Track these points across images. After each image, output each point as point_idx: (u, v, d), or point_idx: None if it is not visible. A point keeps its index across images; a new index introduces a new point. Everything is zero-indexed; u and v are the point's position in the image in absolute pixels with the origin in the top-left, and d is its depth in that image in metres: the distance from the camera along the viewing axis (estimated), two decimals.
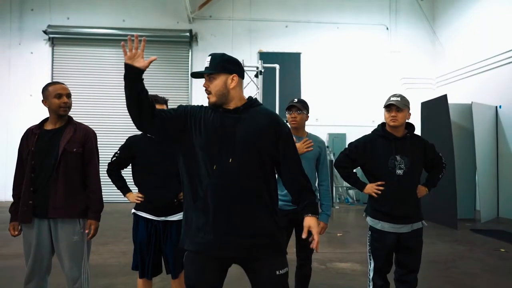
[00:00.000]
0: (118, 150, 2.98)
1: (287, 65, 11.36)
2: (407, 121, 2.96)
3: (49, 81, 11.10)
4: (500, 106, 8.84)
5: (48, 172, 2.61)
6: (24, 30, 11.19)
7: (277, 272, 1.94)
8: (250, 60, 11.21)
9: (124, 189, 3.00)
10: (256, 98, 2.20)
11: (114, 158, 2.97)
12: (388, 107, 2.86)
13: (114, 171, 2.99)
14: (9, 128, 10.82)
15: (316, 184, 3.16)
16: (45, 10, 11.21)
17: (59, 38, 11.23)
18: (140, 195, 2.88)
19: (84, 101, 10.59)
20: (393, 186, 2.80)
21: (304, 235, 1.94)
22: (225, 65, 1.98)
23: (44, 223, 2.64)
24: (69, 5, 11.27)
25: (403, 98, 2.88)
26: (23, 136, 2.75)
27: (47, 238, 2.66)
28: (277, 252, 1.99)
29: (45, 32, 11.03)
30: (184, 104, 2.07)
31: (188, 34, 11.33)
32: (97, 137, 2.85)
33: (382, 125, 2.99)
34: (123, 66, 1.88)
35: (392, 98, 2.88)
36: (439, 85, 11.69)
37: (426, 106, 8.36)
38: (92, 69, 11.25)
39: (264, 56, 11.42)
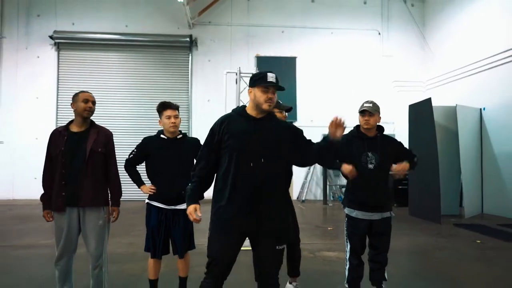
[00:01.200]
0: (135, 148, 3.46)
1: (283, 68, 11.89)
2: (378, 123, 3.42)
3: (55, 84, 11.66)
4: (484, 108, 9.32)
5: (77, 169, 3.07)
6: (31, 35, 11.64)
7: (277, 247, 2.46)
8: (247, 64, 11.71)
9: (139, 182, 3.47)
10: None
11: (131, 155, 3.45)
12: (362, 112, 3.34)
13: (131, 166, 3.47)
14: (16, 129, 11.25)
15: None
16: (51, 16, 11.67)
17: (64, 43, 11.67)
18: (153, 187, 3.35)
19: None
20: (366, 178, 3.26)
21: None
22: None
23: (74, 211, 3.10)
24: (74, 11, 11.73)
25: (374, 104, 3.36)
26: (51, 136, 3.21)
27: (76, 223, 3.13)
28: (284, 229, 2.50)
29: (51, 37, 11.49)
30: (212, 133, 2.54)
31: (188, 39, 11.78)
32: None
33: (357, 127, 3.46)
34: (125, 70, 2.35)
35: (365, 104, 3.36)
36: (428, 88, 12.17)
37: (413, 109, 8.84)
38: (96, 73, 11.69)
39: (261, 60, 11.96)
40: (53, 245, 3.21)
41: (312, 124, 11.24)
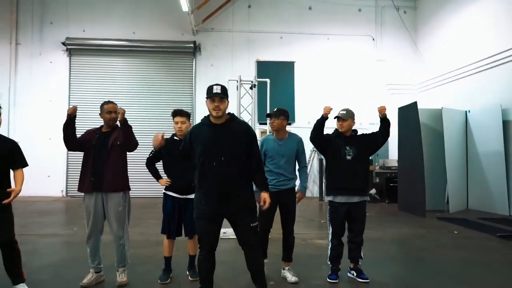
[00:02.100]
0: (153, 150, 4.11)
1: (282, 72, 12.58)
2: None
3: (67, 87, 12.37)
4: (469, 111, 9.96)
5: (102, 159, 3.79)
6: (45, 42, 12.36)
7: (251, 225, 3.14)
8: (248, 68, 12.39)
9: (157, 177, 4.15)
10: (233, 113, 3.32)
11: (150, 155, 4.14)
12: (337, 118, 4.04)
13: (151, 165, 4.17)
14: (30, 130, 11.96)
15: (297, 170, 4.24)
16: (63, 24, 12.38)
17: (75, 49, 12.38)
18: (168, 180, 4.03)
19: (97, 105, 11.67)
20: (345, 166, 3.97)
21: (262, 202, 3.18)
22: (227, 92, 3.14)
23: (99, 196, 3.81)
24: (84, 19, 12.44)
25: (348, 111, 4.07)
26: (84, 134, 3.93)
27: (101, 208, 3.83)
28: (251, 212, 3.19)
29: (63, 43, 12.21)
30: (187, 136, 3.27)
31: (192, 45, 12.48)
32: None
33: (337, 129, 4.16)
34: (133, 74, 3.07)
35: (340, 112, 4.07)
36: (420, 90, 12.83)
37: (402, 111, 9.49)
38: (105, 77, 12.42)
39: (261, 65, 12.63)
40: (71, 235, 3.91)
41: (309, 125, 11.64)
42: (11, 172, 3.59)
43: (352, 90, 12.75)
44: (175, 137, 4.08)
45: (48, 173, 11.77)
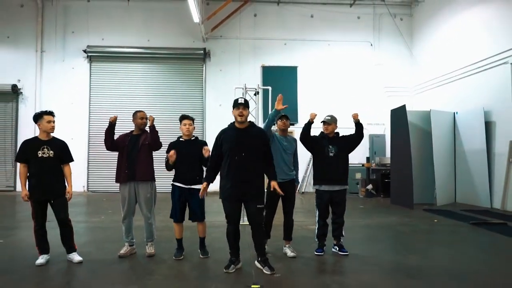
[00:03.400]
0: (168, 148, 5.00)
1: (285, 76, 13.55)
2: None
3: (87, 91, 13.45)
4: (457, 113, 10.82)
5: (134, 155, 4.79)
6: (67, 49, 13.46)
7: (258, 206, 4.13)
8: (254, 73, 13.37)
9: (169, 168, 4.97)
10: (253, 122, 4.33)
11: (168, 162, 4.86)
12: (324, 122, 5.00)
13: (169, 168, 4.91)
14: (54, 131, 12.99)
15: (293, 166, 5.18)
16: (84, 33, 13.47)
17: (95, 56, 13.47)
18: (173, 153, 4.76)
19: (115, 107, 12.59)
20: (328, 161, 4.93)
21: (272, 188, 4.15)
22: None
23: (132, 184, 4.82)
24: (103, 29, 13.52)
25: (332, 117, 5.03)
26: (119, 137, 4.94)
27: (133, 194, 4.84)
28: (260, 197, 4.19)
29: (84, 51, 13.30)
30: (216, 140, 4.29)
31: (202, 51, 13.50)
32: None
33: (322, 131, 5.12)
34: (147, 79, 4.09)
35: (325, 117, 5.02)
36: (415, 93, 13.69)
37: (394, 113, 10.40)
38: (123, 81, 13.51)
39: (266, 70, 13.60)
40: (100, 221, 4.93)
41: (311, 126, 12.79)
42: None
43: (351, 92, 13.67)
44: (180, 139, 4.96)
45: (71, 170, 12.80)
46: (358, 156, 12.64)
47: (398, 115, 10.05)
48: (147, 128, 5.01)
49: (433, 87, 12.57)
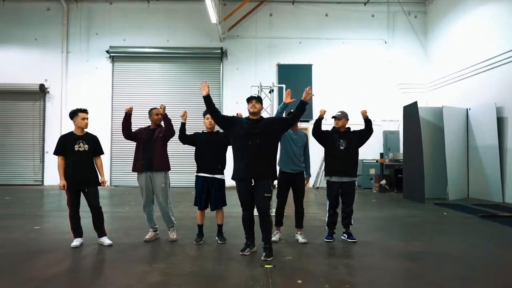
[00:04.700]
0: (192, 134, 5.39)
1: (300, 74, 13.84)
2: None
3: (110, 90, 14.02)
4: (469, 109, 10.97)
5: (150, 147, 5.20)
6: (91, 50, 14.11)
7: (265, 194, 4.49)
8: (270, 71, 13.72)
9: (186, 135, 5.39)
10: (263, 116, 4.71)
11: (178, 133, 5.34)
12: (334, 117, 5.35)
13: (183, 137, 5.33)
14: None
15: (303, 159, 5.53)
16: (107, 34, 14.09)
17: (117, 56, 14.08)
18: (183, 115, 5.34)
19: (136, 105, 13.12)
20: (339, 154, 5.28)
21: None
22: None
23: (147, 174, 5.24)
24: (125, 30, 14.12)
25: (343, 112, 5.38)
26: (138, 130, 5.38)
27: (150, 183, 5.26)
28: (267, 185, 4.51)
29: (107, 51, 13.92)
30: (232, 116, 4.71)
31: (219, 51, 13.94)
32: None
33: (334, 126, 5.46)
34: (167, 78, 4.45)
35: (337, 112, 5.37)
36: (429, 90, 13.82)
37: (406, 109, 10.62)
38: (143, 80, 14.06)
39: (282, 68, 13.94)
40: (125, 212, 5.38)
41: (325, 122, 12.98)
42: None
43: (365, 90, 13.91)
44: (204, 131, 5.41)
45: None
46: (372, 152, 12.89)
47: (410, 112, 10.27)
48: (162, 124, 5.42)
49: (447, 84, 12.70)
